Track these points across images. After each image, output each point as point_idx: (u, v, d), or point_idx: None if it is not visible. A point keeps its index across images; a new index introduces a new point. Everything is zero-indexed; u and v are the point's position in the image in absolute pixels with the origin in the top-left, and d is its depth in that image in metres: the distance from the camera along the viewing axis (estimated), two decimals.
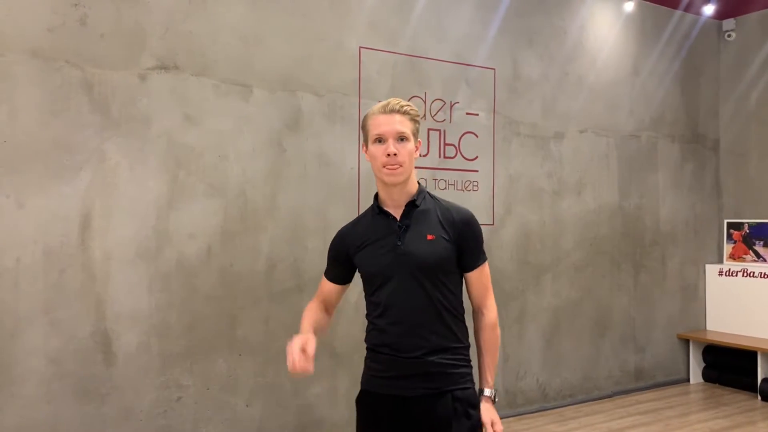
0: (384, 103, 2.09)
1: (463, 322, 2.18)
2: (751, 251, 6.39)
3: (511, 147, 5.31)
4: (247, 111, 4.13)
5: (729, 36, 6.61)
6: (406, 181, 2.12)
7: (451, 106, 4.99)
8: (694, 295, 6.53)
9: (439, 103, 4.93)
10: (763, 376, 5.82)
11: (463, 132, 5.05)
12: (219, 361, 4.02)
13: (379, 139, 2.07)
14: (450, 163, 4.98)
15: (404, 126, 2.06)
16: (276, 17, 4.24)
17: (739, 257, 6.48)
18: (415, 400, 2.06)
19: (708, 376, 6.39)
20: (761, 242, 6.32)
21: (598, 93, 5.83)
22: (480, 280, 2.18)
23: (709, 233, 6.65)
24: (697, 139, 6.57)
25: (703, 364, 6.43)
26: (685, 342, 6.43)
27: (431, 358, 2.06)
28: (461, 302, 2.18)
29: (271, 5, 4.23)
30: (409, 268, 2.06)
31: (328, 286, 2.31)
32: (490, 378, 2.15)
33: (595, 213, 5.80)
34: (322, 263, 2.37)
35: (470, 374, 2.16)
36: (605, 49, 5.88)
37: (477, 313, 2.21)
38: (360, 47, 4.57)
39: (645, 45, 6.14)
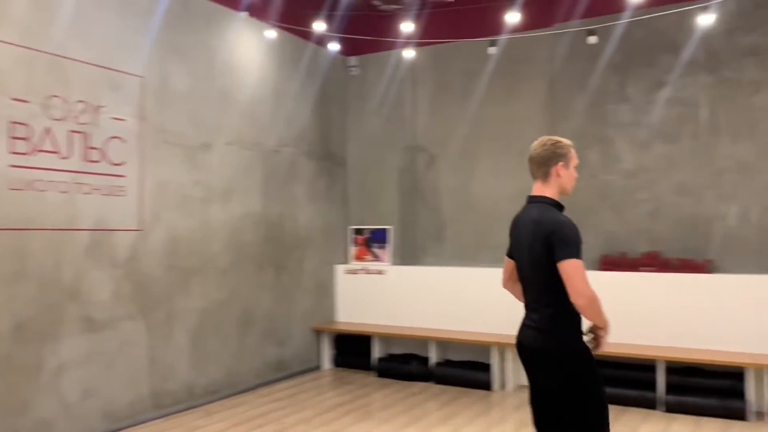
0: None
1: None
2: (370, 252, 7.63)
3: (159, 154, 5.44)
4: None
5: (353, 71, 7.81)
6: None
7: (97, 110, 4.92)
8: (326, 291, 7.51)
9: (82, 105, 4.81)
10: (377, 356, 7.02)
11: (110, 137, 5.02)
12: None
13: (576, 167, 2.97)
14: (95, 167, 4.89)
15: None
16: None
17: (361, 258, 7.67)
18: None
19: (337, 361, 7.40)
20: (377, 245, 7.60)
21: (243, 109, 6.34)
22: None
23: (338, 238, 7.73)
24: (329, 156, 7.58)
25: (333, 352, 7.43)
26: (318, 333, 7.34)
27: None
28: None
29: None
30: None
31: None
32: None
33: (241, 220, 6.28)
34: None
35: None
36: (250, 70, 6.43)
37: None
38: None
39: (285, 70, 6.89)
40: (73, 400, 4.72)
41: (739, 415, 5.26)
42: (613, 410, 5.59)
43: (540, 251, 2.76)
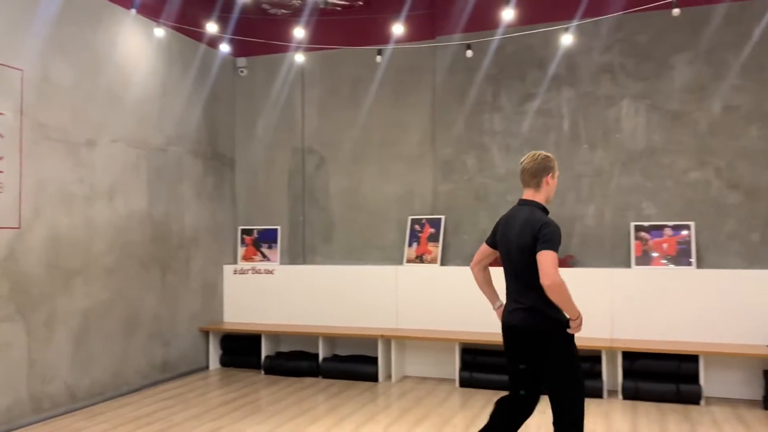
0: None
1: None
2: (259, 252, 7.72)
3: (40, 150, 5.27)
4: None
5: (242, 72, 7.88)
6: None
7: None
8: (213, 291, 7.51)
9: None
10: (266, 354, 7.13)
11: None
12: None
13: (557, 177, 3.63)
14: None
15: None
16: None
17: (249, 258, 7.74)
18: None
19: (224, 361, 7.41)
20: (267, 245, 7.70)
21: (130, 107, 6.25)
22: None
23: (227, 238, 7.75)
24: (217, 156, 7.60)
25: (221, 352, 7.44)
26: (206, 334, 7.33)
27: None
28: None
29: None
30: None
31: None
32: None
33: (126, 219, 6.18)
34: None
35: None
36: (138, 68, 6.36)
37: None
38: None
39: (174, 69, 6.86)
40: None
41: (598, 393, 5.90)
42: (486, 395, 6.08)
43: (531, 244, 3.35)
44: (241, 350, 7.34)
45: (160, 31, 6.40)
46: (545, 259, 3.24)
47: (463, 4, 6.77)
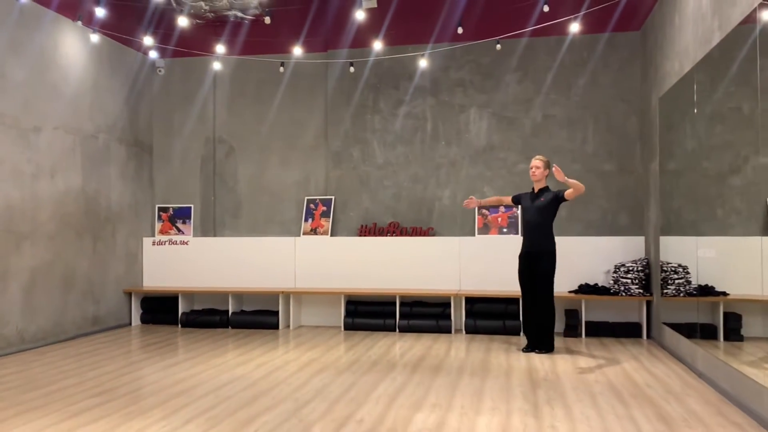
0: None
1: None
2: (174, 227, 9.01)
3: None
4: None
5: (160, 71, 9.12)
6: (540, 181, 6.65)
7: None
8: (135, 260, 8.74)
9: None
10: (182, 311, 8.46)
11: None
12: None
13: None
14: None
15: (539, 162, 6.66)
16: None
17: (166, 232, 9.01)
18: None
19: (145, 319, 8.67)
20: (181, 221, 9.01)
21: (68, 100, 7.41)
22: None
23: (146, 214, 8.99)
24: (138, 144, 8.81)
25: (141, 311, 8.68)
26: (129, 295, 8.55)
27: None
28: None
29: None
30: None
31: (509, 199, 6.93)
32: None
33: (64, 194, 7.33)
34: None
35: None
36: (75, 67, 7.51)
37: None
38: None
39: (103, 68, 8.03)
40: None
41: (448, 330, 7.74)
42: (364, 335, 7.74)
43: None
44: (160, 309, 8.63)
45: (95, 37, 7.60)
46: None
47: (349, 26, 8.40)
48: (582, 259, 7.78)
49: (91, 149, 7.82)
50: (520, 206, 6.99)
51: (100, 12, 7.27)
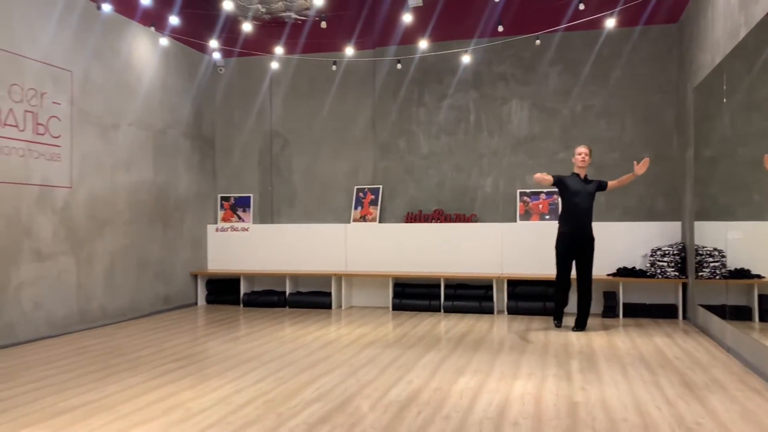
0: None
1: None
2: (235, 215, 9.71)
3: (83, 131, 7.15)
4: None
5: (221, 70, 9.81)
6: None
7: (42, 96, 6.57)
8: (200, 245, 9.48)
9: (32, 92, 6.45)
10: (243, 292, 9.16)
11: (50, 116, 6.68)
12: None
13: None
14: (41, 139, 6.55)
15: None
16: None
17: (227, 219, 9.72)
18: None
19: (209, 299, 9.41)
20: (242, 209, 9.71)
21: (141, 99, 8.14)
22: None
23: (210, 203, 9.72)
24: (202, 138, 9.53)
25: (206, 292, 9.42)
26: (195, 277, 9.30)
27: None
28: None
29: None
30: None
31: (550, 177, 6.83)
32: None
33: (138, 184, 8.08)
34: None
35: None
36: (147, 69, 8.25)
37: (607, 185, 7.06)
38: None
39: (171, 69, 8.76)
40: (27, 310, 6.38)
41: (490, 311, 8.21)
42: (410, 314, 8.27)
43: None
44: (223, 290, 9.35)
45: (164, 41, 8.31)
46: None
47: (397, 25, 8.90)
48: (620, 243, 8.13)
49: (161, 144, 8.56)
50: (563, 187, 6.95)
51: (174, 20, 7.97)
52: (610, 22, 7.68)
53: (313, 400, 4.23)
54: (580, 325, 6.93)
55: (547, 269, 8.00)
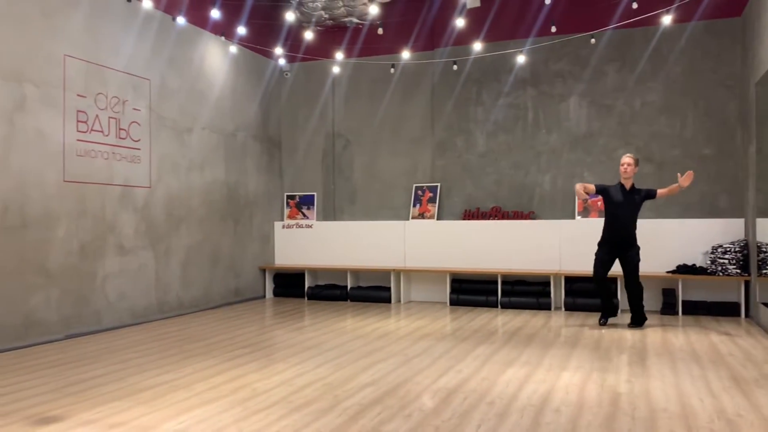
0: None
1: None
2: (300, 213, 10.17)
3: (161, 135, 7.73)
4: None
5: (287, 74, 10.28)
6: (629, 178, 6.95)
7: (124, 103, 7.17)
8: (268, 240, 9.99)
9: (115, 100, 7.05)
10: (308, 286, 9.60)
11: (131, 121, 7.28)
12: None
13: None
14: (123, 143, 7.15)
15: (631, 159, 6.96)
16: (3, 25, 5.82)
17: (293, 217, 10.19)
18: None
19: (276, 293, 9.90)
20: (306, 207, 10.16)
21: (212, 104, 8.69)
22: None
23: (276, 201, 10.22)
24: (269, 140, 10.04)
25: (273, 285, 9.92)
26: (263, 271, 9.82)
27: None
28: None
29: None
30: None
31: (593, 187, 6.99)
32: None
33: (211, 184, 8.64)
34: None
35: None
36: (218, 75, 8.79)
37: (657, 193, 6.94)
38: (64, 55, 6.42)
39: (240, 75, 9.28)
40: (113, 300, 6.99)
41: (548, 307, 8.32)
42: (467, 309, 8.47)
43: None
44: (289, 284, 9.83)
45: (234, 48, 8.83)
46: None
47: (453, 26, 9.11)
48: (680, 240, 8.06)
49: (231, 146, 9.09)
50: (606, 198, 6.94)
51: (242, 30, 8.48)
52: (667, 19, 7.64)
53: (366, 384, 4.55)
54: (635, 322, 6.97)
55: None
